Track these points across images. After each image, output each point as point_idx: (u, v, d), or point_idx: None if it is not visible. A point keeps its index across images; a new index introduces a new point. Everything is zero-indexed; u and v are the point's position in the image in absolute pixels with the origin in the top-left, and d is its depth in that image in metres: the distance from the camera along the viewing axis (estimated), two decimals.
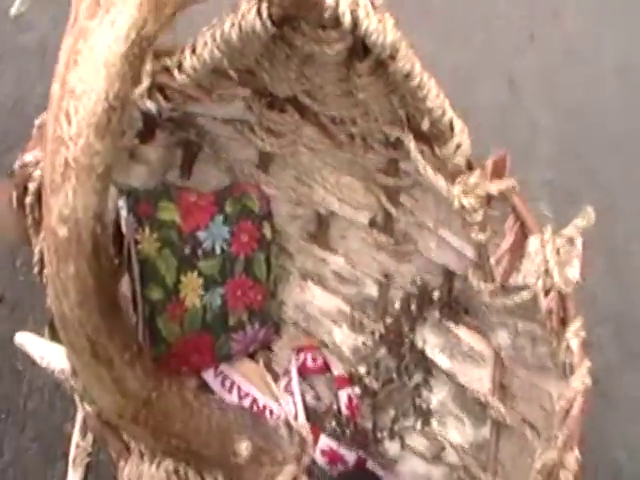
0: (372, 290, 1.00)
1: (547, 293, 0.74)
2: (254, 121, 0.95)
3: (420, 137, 0.79)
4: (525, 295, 0.76)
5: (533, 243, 0.76)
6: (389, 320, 0.98)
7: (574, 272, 0.73)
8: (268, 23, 0.70)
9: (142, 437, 0.57)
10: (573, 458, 0.69)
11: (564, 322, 0.74)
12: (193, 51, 0.79)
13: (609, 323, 1.11)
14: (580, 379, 0.70)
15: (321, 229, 1.02)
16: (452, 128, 0.74)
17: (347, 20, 0.65)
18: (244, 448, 0.59)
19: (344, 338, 1.01)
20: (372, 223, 0.96)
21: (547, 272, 0.73)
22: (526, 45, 1.41)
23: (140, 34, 0.53)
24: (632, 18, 1.46)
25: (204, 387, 0.99)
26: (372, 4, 0.66)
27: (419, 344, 0.95)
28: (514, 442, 0.85)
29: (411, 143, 0.78)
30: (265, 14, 0.69)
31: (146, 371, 0.55)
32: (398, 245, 0.95)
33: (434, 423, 0.94)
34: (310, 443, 0.82)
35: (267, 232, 0.98)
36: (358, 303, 1.01)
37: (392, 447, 0.95)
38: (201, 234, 0.93)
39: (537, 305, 0.75)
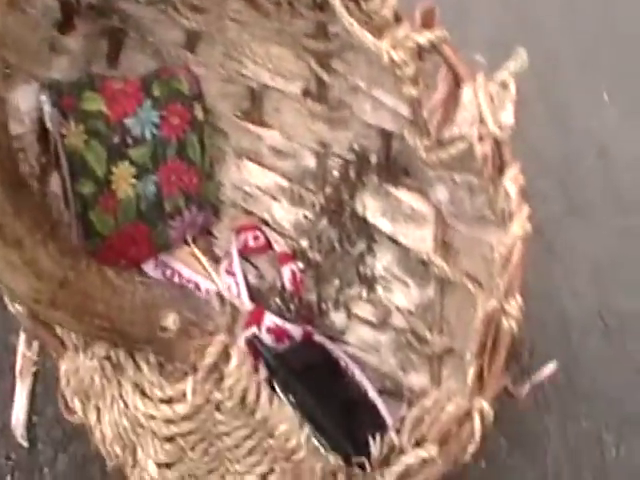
0: (310, 161, 0.94)
1: (482, 140, 0.69)
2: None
3: None
4: (460, 145, 0.71)
5: (466, 92, 0.70)
6: (329, 190, 0.92)
7: (508, 116, 0.68)
8: None
9: (63, 321, 0.52)
10: (515, 305, 0.65)
11: (501, 169, 0.69)
12: None
13: (552, 175, 1.06)
14: (519, 225, 0.66)
15: (254, 105, 0.95)
16: None
17: None
18: (171, 321, 0.55)
19: (284, 213, 0.95)
20: (305, 92, 0.89)
21: (481, 119, 0.68)
22: None
23: None
24: None
25: None
26: None
27: (360, 210, 0.90)
28: (458, 298, 0.81)
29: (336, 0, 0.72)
30: None
31: (61, 250, 0.49)
32: (333, 112, 0.88)
33: (379, 289, 0.90)
34: (244, 313, 0.79)
35: (199, 113, 0.91)
36: (296, 176, 0.95)
37: (338, 317, 0.91)
38: (129, 121, 0.86)
39: (473, 154, 0.69)
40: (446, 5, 0.71)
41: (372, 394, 0.84)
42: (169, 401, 0.57)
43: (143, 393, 0.58)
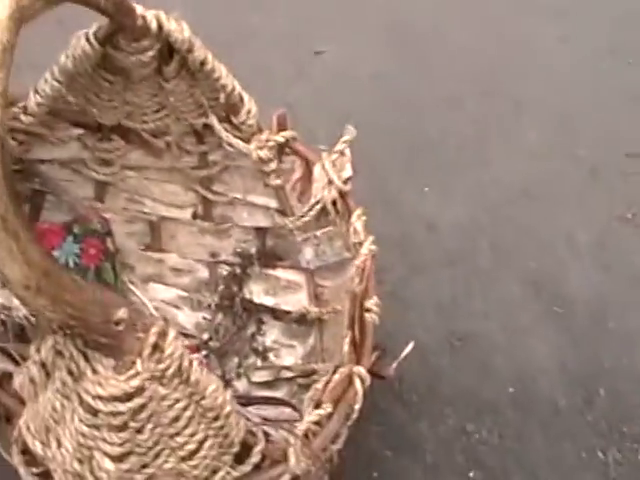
0: (204, 273, 1.08)
1: (334, 203, 0.90)
2: (88, 157, 1.04)
3: (221, 119, 0.93)
4: (318, 207, 0.91)
5: (316, 170, 0.92)
6: (221, 289, 1.06)
7: (347, 172, 0.90)
8: (94, 42, 0.83)
9: (45, 307, 0.61)
10: (373, 302, 0.82)
11: (349, 214, 0.89)
12: (36, 91, 0.89)
13: (395, 249, 1.27)
14: (367, 246, 0.85)
15: (154, 236, 1.09)
16: (242, 99, 0.90)
17: (154, 26, 0.81)
18: (122, 313, 0.63)
19: (186, 318, 1.07)
20: (194, 216, 1.06)
21: (329, 181, 0.89)
22: None
23: None
24: None
25: None
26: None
27: (247, 296, 1.04)
28: (331, 326, 0.95)
29: (214, 121, 0.92)
30: (92, 36, 0.82)
31: (42, 249, 0.62)
32: (218, 225, 1.05)
33: (271, 356, 1.03)
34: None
35: (110, 245, 1.06)
36: (194, 287, 1.08)
37: (241, 385, 1.02)
38: (56, 253, 1.01)
39: (327, 210, 0.90)
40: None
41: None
42: (124, 381, 0.66)
43: (100, 385, 0.67)
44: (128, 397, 0.64)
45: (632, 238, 1.33)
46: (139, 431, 0.66)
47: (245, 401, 0.98)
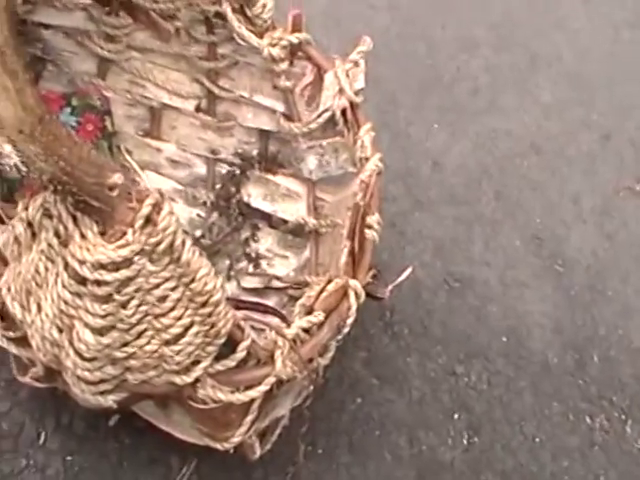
0: (201, 169, 1.05)
1: (343, 113, 0.85)
2: (93, 30, 0.99)
3: (234, 10, 0.88)
4: (326, 115, 0.86)
5: (328, 78, 0.87)
6: (218, 188, 1.03)
7: (360, 84, 0.85)
8: None
9: (37, 154, 0.57)
10: (375, 219, 0.78)
11: (357, 127, 0.85)
12: None
13: (399, 182, 1.25)
14: (373, 162, 0.80)
15: (154, 123, 1.05)
16: None
17: None
18: (117, 177, 0.60)
19: (180, 212, 1.04)
20: (198, 108, 1.03)
21: (341, 90, 0.84)
22: None
23: None
24: None
25: None
26: None
27: (245, 198, 1.02)
28: (329, 241, 0.93)
29: (228, 9, 0.88)
30: None
31: (39, 96, 0.57)
32: (221, 122, 1.01)
33: (264, 264, 1.00)
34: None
35: (109, 125, 1.02)
36: (190, 182, 1.05)
37: (230, 288, 0.99)
38: None
39: (335, 119, 0.85)
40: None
41: None
42: (113, 249, 0.61)
43: (88, 250, 0.62)
44: (115, 267, 0.61)
45: (638, 211, 1.31)
46: (123, 306, 0.64)
47: (233, 304, 0.95)
